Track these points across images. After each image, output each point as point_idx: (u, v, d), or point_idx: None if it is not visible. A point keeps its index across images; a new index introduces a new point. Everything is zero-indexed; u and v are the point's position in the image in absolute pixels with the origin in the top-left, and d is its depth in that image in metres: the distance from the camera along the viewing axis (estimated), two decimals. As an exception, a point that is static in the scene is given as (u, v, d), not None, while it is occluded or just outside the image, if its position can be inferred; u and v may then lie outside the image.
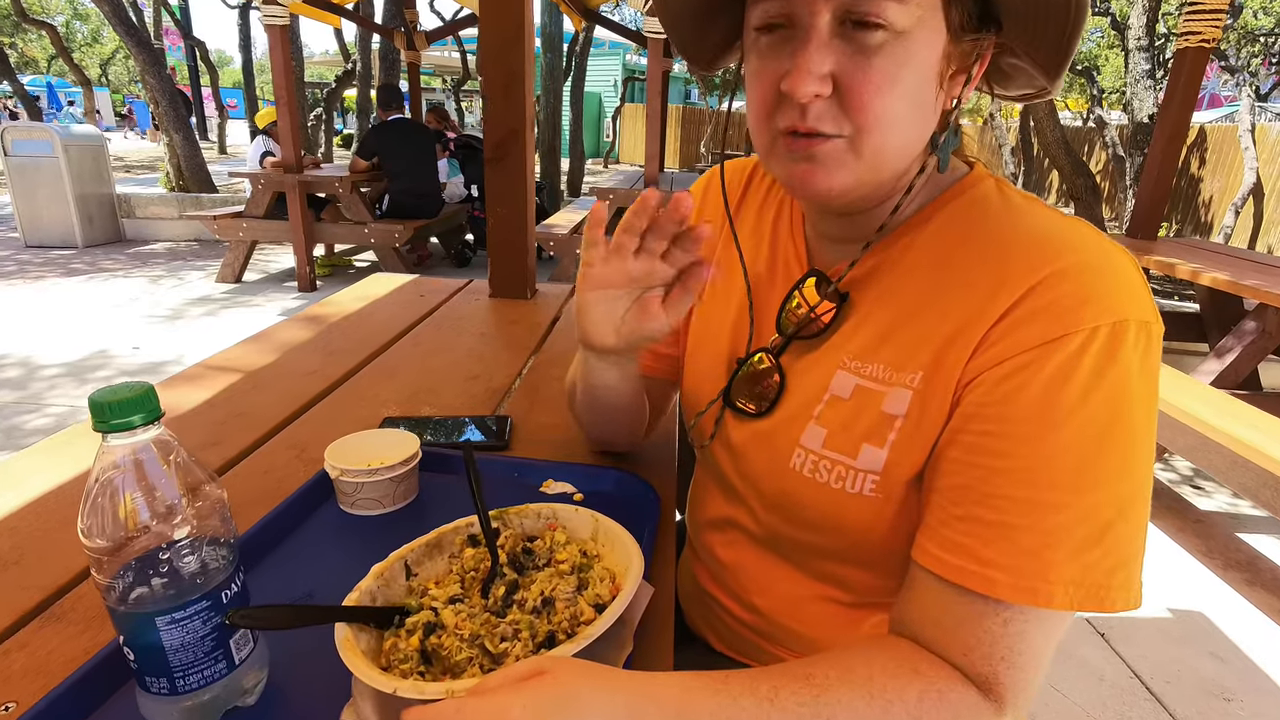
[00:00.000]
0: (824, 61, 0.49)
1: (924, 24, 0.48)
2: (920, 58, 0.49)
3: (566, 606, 0.53)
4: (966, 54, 0.52)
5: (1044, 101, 3.60)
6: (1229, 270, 2.66)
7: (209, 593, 0.44)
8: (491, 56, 1.47)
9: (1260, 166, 8.35)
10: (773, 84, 0.51)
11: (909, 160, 0.55)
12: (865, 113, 0.49)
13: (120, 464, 0.41)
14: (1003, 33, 0.53)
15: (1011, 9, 0.51)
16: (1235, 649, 1.91)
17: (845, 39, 0.49)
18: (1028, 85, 0.57)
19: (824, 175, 0.52)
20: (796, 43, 0.50)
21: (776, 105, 0.52)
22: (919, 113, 0.51)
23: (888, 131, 0.50)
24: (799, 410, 0.61)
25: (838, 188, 0.53)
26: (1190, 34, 3.08)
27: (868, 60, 0.48)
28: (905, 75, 0.49)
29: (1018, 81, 0.57)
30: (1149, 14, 5.92)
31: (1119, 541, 0.47)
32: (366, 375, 1.13)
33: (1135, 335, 0.47)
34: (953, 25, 0.50)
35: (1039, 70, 0.54)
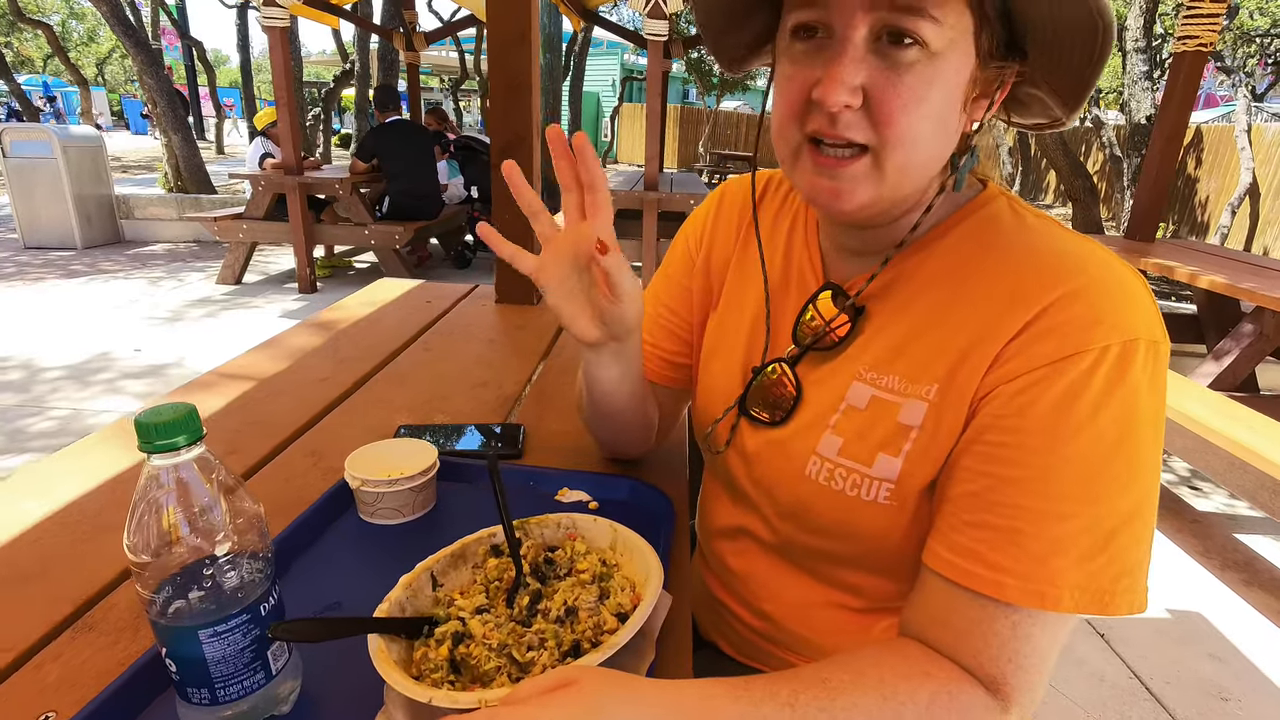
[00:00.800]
0: (857, 73, 0.50)
1: (955, 47, 0.50)
2: (949, 79, 0.51)
3: (589, 616, 0.54)
4: (990, 80, 0.54)
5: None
6: (1226, 273, 2.68)
7: (249, 606, 0.45)
8: (498, 63, 1.48)
9: (1256, 167, 8.38)
10: (804, 90, 0.53)
11: (929, 178, 0.56)
12: (892, 127, 0.50)
13: (164, 482, 0.42)
14: (1027, 62, 0.54)
15: (1038, 39, 0.52)
16: (1234, 649, 1.93)
17: (879, 54, 0.50)
18: (1042, 115, 0.58)
19: (847, 193, 0.54)
20: (831, 52, 0.51)
21: (805, 111, 0.53)
22: (942, 132, 0.53)
23: (912, 148, 0.52)
24: (815, 419, 0.62)
25: (859, 205, 0.54)
26: (1187, 38, 3.10)
27: (899, 76, 0.50)
28: (933, 95, 0.50)
29: (1033, 110, 0.59)
30: (1146, 16, 5.95)
31: (1124, 549, 0.48)
32: (378, 382, 1.15)
33: (1144, 355, 0.49)
34: (982, 51, 0.51)
35: (1057, 101, 0.55)
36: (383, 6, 8.34)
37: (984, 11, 0.50)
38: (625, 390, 0.72)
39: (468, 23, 7.71)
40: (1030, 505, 0.49)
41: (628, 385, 0.72)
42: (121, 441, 0.90)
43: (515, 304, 1.65)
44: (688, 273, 0.79)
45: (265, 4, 4.39)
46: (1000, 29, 0.52)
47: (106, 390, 3.27)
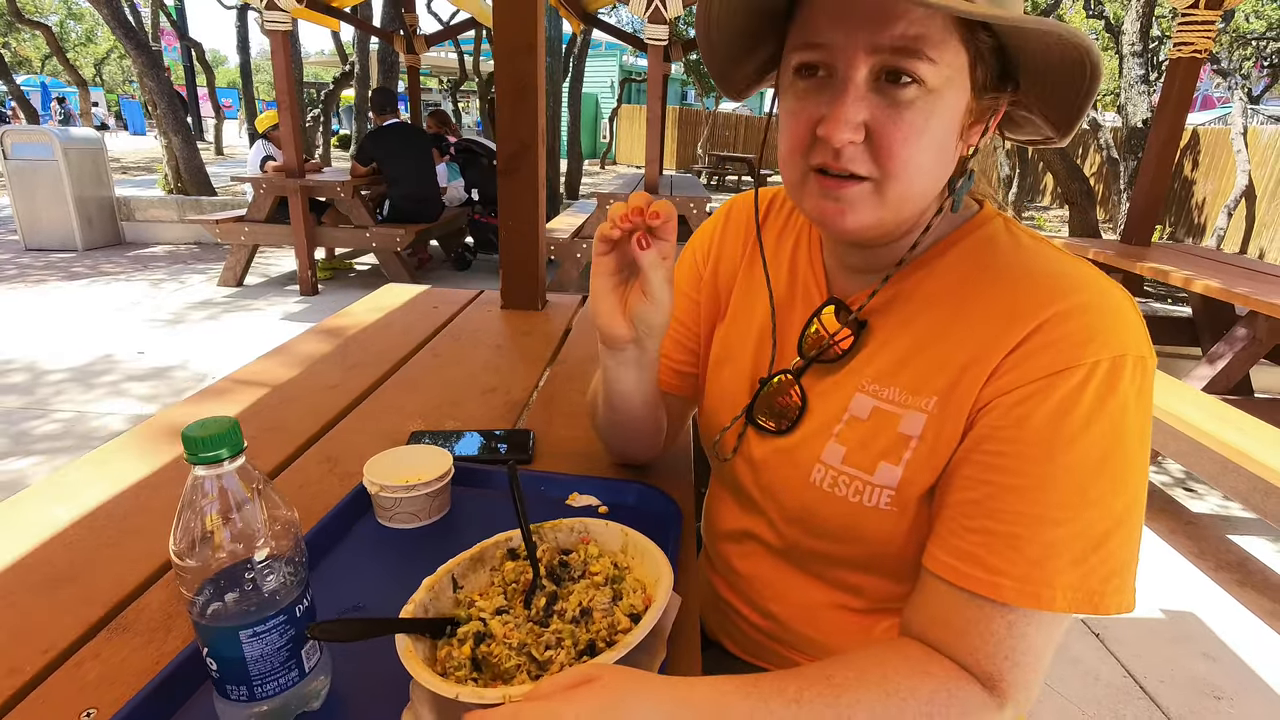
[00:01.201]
0: (859, 111, 0.53)
1: (952, 83, 0.53)
2: (946, 113, 0.53)
3: (604, 616, 0.57)
4: (985, 108, 0.57)
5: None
6: (1220, 277, 2.72)
7: (285, 608, 0.48)
8: (505, 71, 1.51)
9: (1252, 169, 8.43)
10: (809, 126, 0.55)
11: (928, 202, 0.59)
12: (894, 160, 0.53)
13: (208, 491, 0.45)
14: (1019, 90, 0.57)
15: (1030, 71, 0.55)
16: (1226, 649, 1.96)
17: (880, 92, 0.53)
18: (1036, 133, 0.61)
19: (851, 215, 0.56)
20: (834, 91, 0.53)
21: (810, 144, 0.56)
22: (941, 161, 0.56)
23: (913, 178, 0.55)
24: (820, 429, 0.65)
25: (862, 226, 0.57)
26: (1183, 44, 3.13)
27: (899, 113, 0.52)
28: (932, 128, 0.53)
29: (1026, 129, 0.62)
30: (1142, 20, 5.99)
31: (1113, 552, 0.52)
32: (389, 389, 1.17)
33: (1132, 369, 0.52)
34: (976, 84, 0.54)
35: (1049, 126, 0.58)
36: (383, 9, 8.36)
37: (978, 49, 0.53)
38: (640, 396, 0.75)
39: (467, 25, 7.74)
40: (1027, 511, 0.52)
41: (642, 391, 0.74)
42: (142, 447, 0.93)
43: (521, 309, 1.67)
44: (695, 286, 0.82)
45: (267, 8, 4.41)
46: (994, 62, 0.55)
47: (110, 393, 3.29)
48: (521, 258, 1.65)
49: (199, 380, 3.48)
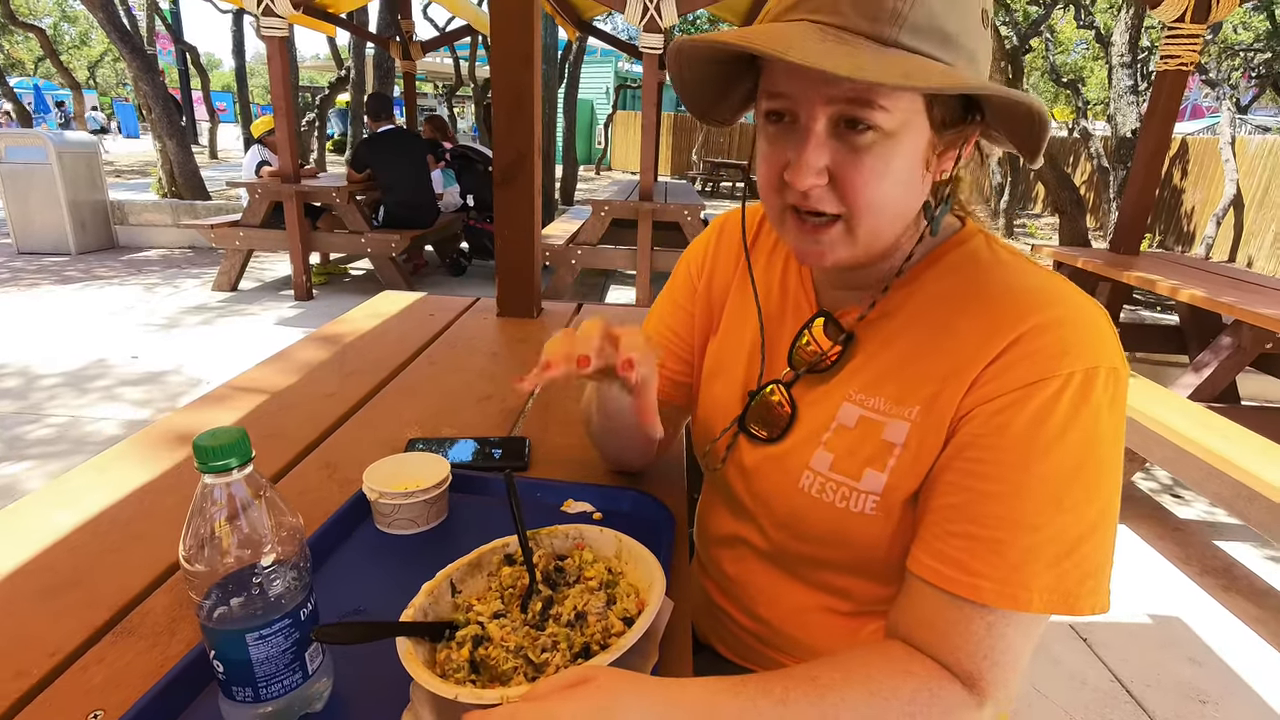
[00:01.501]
0: (820, 158, 0.56)
1: (909, 125, 0.55)
2: (906, 151, 0.56)
3: (598, 620, 0.58)
4: (952, 140, 0.59)
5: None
6: (1206, 286, 2.76)
7: (290, 612, 0.49)
8: (501, 83, 1.53)
9: (1240, 178, 8.53)
10: (778, 169, 0.59)
11: (901, 230, 0.62)
12: (858, 200, 0.57)
13: (217, 498, 0.47)
14: (985, 118, 0.60)
15: (992, 105, 0.58)
16: (1212, 653, 1.99)
17: (839, 138, 0.56)
18: (1011, 148, 0.64)
19: (828, 253, 0.60)
20: (798, 138, 0.57)
21: (782, 185, 0.59)
22: (907, 195, 0.58)
23: (879, 214, 0.58)
24: (809, 436, 0.68)
25: (838, 261, 0.61)
26: (1170, 57, 3.19)
27: (859, 157, 0.55)
28: (893, 167, 0.56)
29: (1001, 144, 0.64)
30: (1131, 31, 6.07)
31: (1087, 555, 0.54)
32: (386, 396, 1.19)
33: (1105, 380, 0.54)
34: (935, 122, 0.57)
35: (1018, 150, 0.61)
36: (379, 14, 8.39)
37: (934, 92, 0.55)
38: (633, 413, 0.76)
39: (464, 32, 7.79)
40: (1006, 516, 0.54)
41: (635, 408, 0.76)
42: (144, 453, 0.94)
43: (516, 317, 1.69)
44: (690, 297, 0.84)
45: (264, 14, 4.43)
46: (954, 100, 0.57)
47: (104, 397, 3.29)
48: (517, 266, 1.67)
49: (193, 385, 3.48)
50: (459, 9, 6.34)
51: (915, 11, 0.51)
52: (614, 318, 0.69)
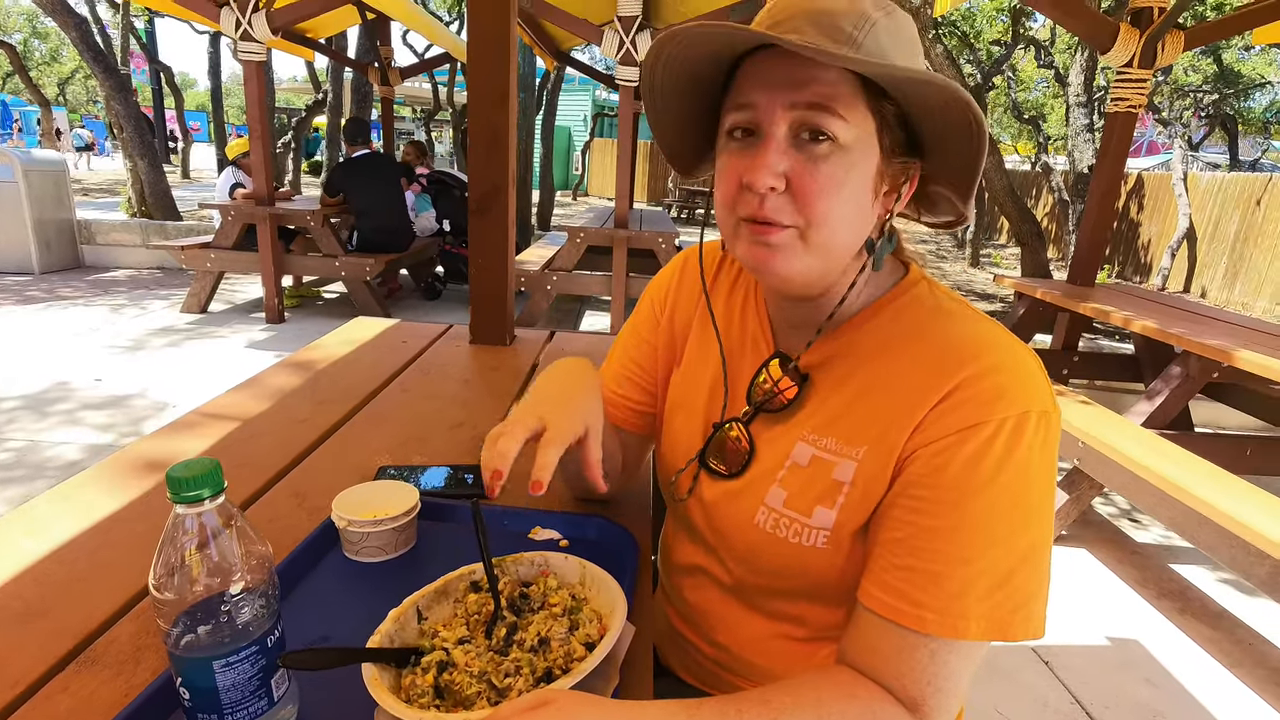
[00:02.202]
0: (780, 162, 0.60)
1: (861, 142, 0.60)
2: (859, 169, 0.60)
3: (561, 645, 0.61)
4: (897, 174, 0.64)
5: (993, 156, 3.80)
6: (1157, 317, 2.88)
7: (257, 639, 0.51)
8: (478, 120, 1.57)
9: (1192, 212, 8.91)
10: (737, 177, 0.62)
11: (849, 255, 0.65)
12: (813, 208, 0.60)
13: (189, 528, 0.48)
14: (925, 159, 0.64)
15: (929, 138, 0.63)
16: (1168, 675, 2.05)
17: (799, 148, 0.60)
18: (950, 212, 0.69)
19: (780, 260, 0.62)
20: (759, 146, 0.61)
21: (739, 195, 0.62)
22: (858, 214, 0.62)
23: (834, 227, 0.61)
24: (765, 474, 0.71)
25: (791, 271, 0.63)
26: (1120, 99, 3.35)
27: (816, 166, 0.59)
28: (847, 181, 0.60)
29: (941, 208, 0.69)
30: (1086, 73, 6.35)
31: (1019, 586, 0.58)
32: (357, 423, 1.20)
33: (1036, 423, 0.59)
34: (884, 148, 0.61)
35: (952, 190, 0.65)
36: (358, 40, 8.45)
37: (884, 116, 0.61)
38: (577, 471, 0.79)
39: (442, 59, 7.86)
40: (944, 550, 0.58)
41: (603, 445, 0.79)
42: (112, 480, 0.94)
43: (489, 344, 1.71)
44: (653, 330, 0.87)
45: (241, 38, 4.45)
46: (899, 132, 0.62)
47: (65, 421, 3.22)
48: (491, 294, 1.69)
49: (159, 409, 3.42)
50: (438, 37, 6.42)
51: (868, 39, 0.57)
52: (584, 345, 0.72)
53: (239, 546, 0.50)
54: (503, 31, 1.52)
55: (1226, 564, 2.00)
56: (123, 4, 11.29)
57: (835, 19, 0.57)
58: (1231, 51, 12.49)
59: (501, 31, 1.52)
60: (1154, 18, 3.21)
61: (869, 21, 0.57)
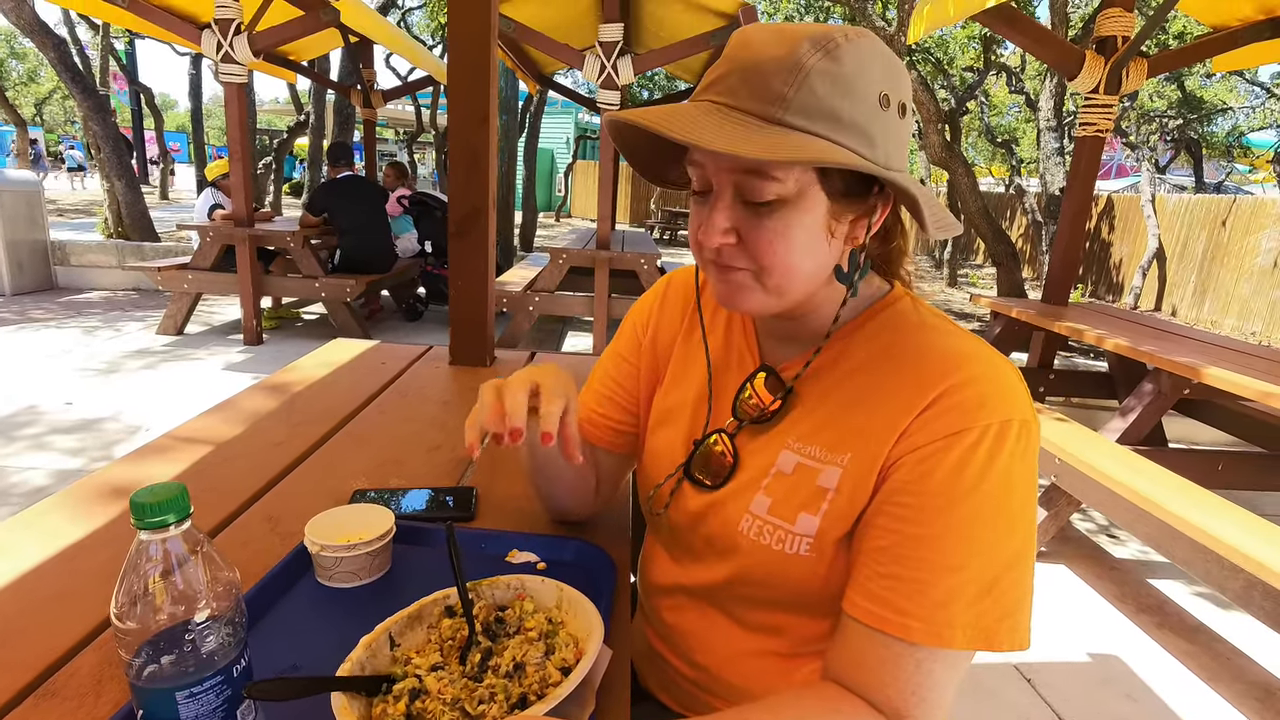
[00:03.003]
0: (725, 220, 0.62)
1: (804, 193, 0.61)
2: (805, 218, 0.61)
3: (536, 670, 0.60)
4: (858, 208, 0.64)
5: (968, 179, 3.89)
6: (1129, 335, 2.93)
7: (223, 669, 0.49)
8: (459, 141, 1.58)
9: (1161, 233, 9.14)
10: (696, 229, 0.65)
11: (812, 287, 0.67)
12: (762, 258, 0.62)
13: (153, 555, 0.47)
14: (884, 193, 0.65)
15: None
16: (1148, 690, 2.06)
17: (744, 204, 0.62)
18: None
19: (741, 296, 0.66)
20: (709, 204, 0.64)
21: (700, 245, 0.65)
22: (810, 256, 0.63)
23: (786, 273, 0.63)
24: (749, 482, 0.72)
25: (753, 307, 0.66)
26: (1087, 124, 3.44)
27: (760, 220, 0.61)
28: (792, 231, 0.61)
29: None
30: (1055, 98, 6.53)
31: (1004, 593, 0.58)
32: (334, 446, 1.18)
33: (1017, 431, 0.60)
34: (833, 193, 0.62)
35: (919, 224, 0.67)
36: (340, 62, 8.47)
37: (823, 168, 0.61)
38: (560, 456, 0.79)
39: (425, 82, 7.90)
40: (930, 558, 0.58)
41: None
42: (76, 507, 0.92)
43: (469, 365, 1.70)
44: (635, 352, 0.88)
45: (223, 60, 4.44)
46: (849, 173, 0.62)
47: (33, 446, 3.14)
48: (471, 315, 1.69)
49: (131, 433, 3.35)
50: (421, 60, 6.46)
51: (799, 95, 0.57)
52: (565, 365, 0.72)
53: (205, 573, 0.49)
54: (483, 55, 1.54)
55: (1202, 578, 2.03)
56: (103, 25, 11.26)
57: (767, 77, 0.58)
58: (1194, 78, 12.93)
59: (481, 55, 1.54)
60: (1118, 46, 3.31)
61: (802, 73, 0.57)
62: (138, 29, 5.77)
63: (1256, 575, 1.80)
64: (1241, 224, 8.27)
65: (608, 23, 4.36)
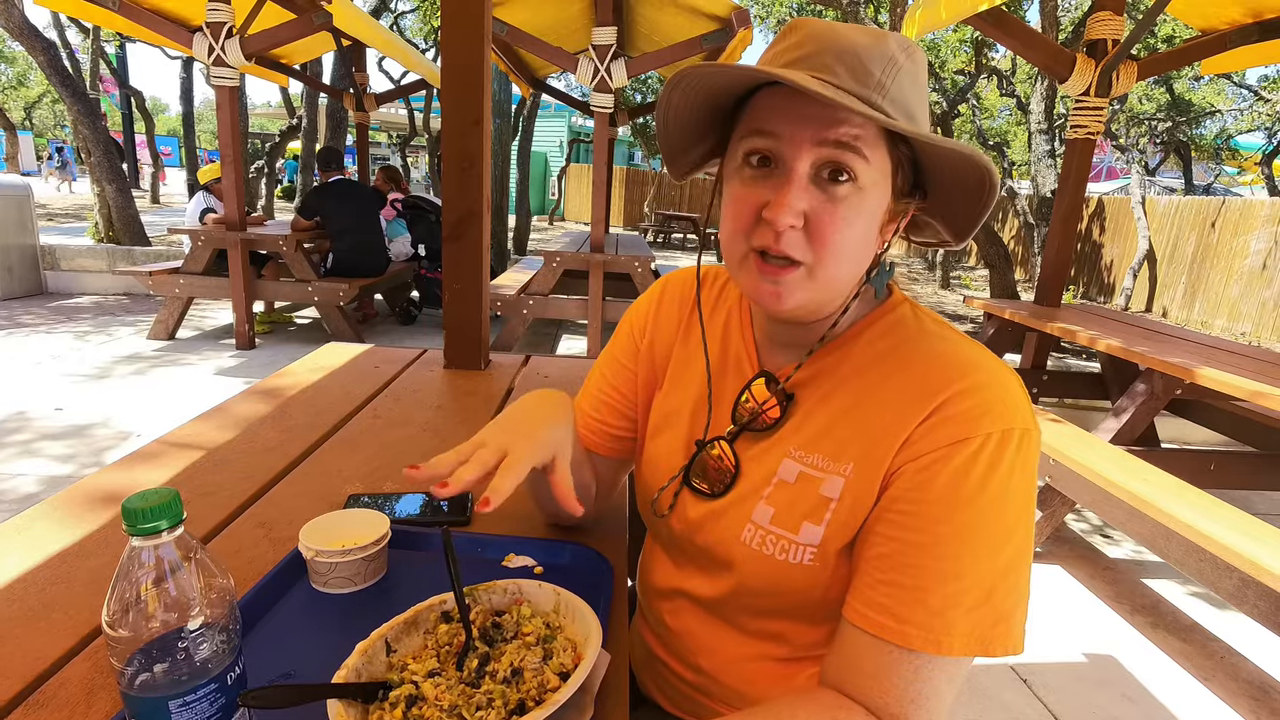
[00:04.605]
0: (801, 200, 0.60)
1: (877, 183, 0.61)
2: (871, 209, 0.62)
3: (534, 675, 0.59)
4: (899, 211, 0.66)
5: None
6: (1121, 336, 2.95)
7: (216, 676, 0.49)
8: (452, 145, 1.57)
9: (1151, 234, 9.21)
10: (754, 209, 0.62)
11: (851, 287, 0.67)
12: (826, 246, 0.61)
13: (145, 561, 0.46)
14: (926, 200, 0.67)
15: (936, 184, 0.65)
16: (1144, 690, 2.06)
17: (819, 185, 0.61)
18: (934, 237, 0.71)
19: (787, 296, 0.64)
20: (779, 179, 0.61)
21: (754, 226, 0.63)
22: (864, 250, 0.64)
23: (841, 264, 0.62)
24: (751, 491, 0.71)
25: (796, 306, 0.64)
26: (1078, 127, 3.47)
27: (835, 206, 0.60)
28: (860, 220, 0.61)
29: (927, 233, 0.72)
30: (1046, 101, 6.57)
31: (999, 601, 0.58)
32: (328, 450, 1.17)
33: (1018, 441, 0.60)
34: (896, 188, 0.63)
35: (949, 231, 0.67)
36: (333, 66, 8.45)
37: (899, 158, 0.62)
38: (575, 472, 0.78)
39: (418, 86, 7.89)
40: (929, 566, 0.58)
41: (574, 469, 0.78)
42: (66, 514, 0.91)
43: (463, 369, 1.70)
44: (632, 356, 0.87)
45: (214, 64, 4.43)
46: (909, 172, 0.64)
47: (22, 452, 3.11)
48: (465, 319, 1.68)
49: (121, 439, 3.32)
50: (413, 64, 6.45)
51: (894, 85, 0.59)
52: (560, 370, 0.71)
53: (198, 580, 0.48)
54: (476, 59, 1.53)
55: (1195, 577, 2.04)
56: (93, 29, 11.20)
57: (864, 60, 0.58)
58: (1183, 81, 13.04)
59: (475, 59, 1.53)
60: (1108, 49, 3.34)
61: (895, 66, 0.58)
62: (129, 32, 5.74)
63: (1249, 574, 1.81)
64: (1230, 225, 8.34)
65: (601, 26, 4.37)
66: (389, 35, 6.23)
